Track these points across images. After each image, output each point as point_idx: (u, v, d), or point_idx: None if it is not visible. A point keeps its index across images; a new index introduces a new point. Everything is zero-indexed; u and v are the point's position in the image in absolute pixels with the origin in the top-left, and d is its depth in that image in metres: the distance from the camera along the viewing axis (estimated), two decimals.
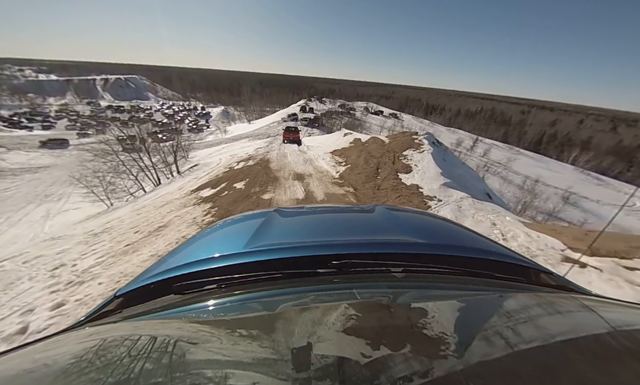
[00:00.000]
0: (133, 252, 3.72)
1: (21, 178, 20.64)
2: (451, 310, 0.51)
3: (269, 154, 13.02)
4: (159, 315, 0.55)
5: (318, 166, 9.37)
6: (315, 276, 0.63)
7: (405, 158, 7.35)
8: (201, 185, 7.57)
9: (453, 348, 0.36)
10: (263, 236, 0.79)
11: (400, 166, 6.76)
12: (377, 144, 10.03)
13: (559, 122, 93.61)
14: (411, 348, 0.35)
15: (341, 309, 0.48)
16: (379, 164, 7.38)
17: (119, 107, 73.37)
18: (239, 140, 25.64)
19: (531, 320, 0.47)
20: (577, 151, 50.10)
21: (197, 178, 9.37)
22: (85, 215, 10.91)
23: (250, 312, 0.53)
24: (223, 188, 6.68)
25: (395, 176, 6.09)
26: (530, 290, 0.66)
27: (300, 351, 0.34)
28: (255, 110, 63.64)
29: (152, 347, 0.39)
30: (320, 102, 60.96)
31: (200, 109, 77.89)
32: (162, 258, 0.85)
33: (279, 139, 21.39)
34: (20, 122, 51.88)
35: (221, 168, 10.11)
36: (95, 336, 0.49)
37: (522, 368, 0.33)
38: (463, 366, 0.31)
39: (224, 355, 0.35)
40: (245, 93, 67.03)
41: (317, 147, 14.28)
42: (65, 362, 0.38)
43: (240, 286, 0.61)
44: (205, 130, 50.45)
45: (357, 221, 1.08)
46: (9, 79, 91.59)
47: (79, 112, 61.78)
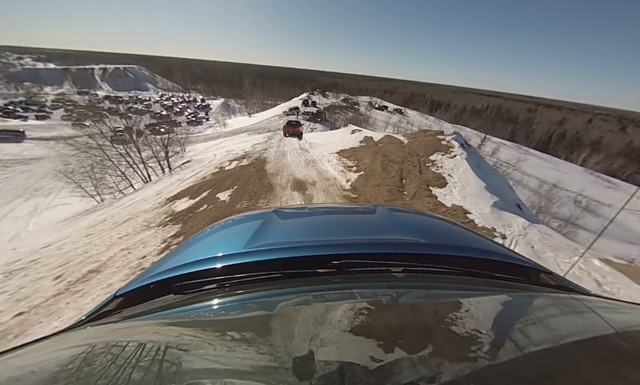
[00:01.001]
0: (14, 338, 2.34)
1: (11, 169, 19.61)
2: (452, 310, 0.50)
3: (266, 151, 11.67)
4: (158, 315, 0.55)
5: (323, 170, 7.88)
6: (315, 276, 0.63)
7: (434, 165, 5.94)
8: (181, 191, 6.30)
9: (454, 348, 0.36)
10: (262, 236, 0.78)
11: (430, 177, 5.37)
12: (394, 144, 8.47)
13: (566, 121, 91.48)
14: (413, 349, 0.35)
15: (341, 309, 0.48)
16: (402, 172, 5.93)
17: (116, 98, 71.70)
18: (238, 134, 24.50)
19: (531, 320, 0.48)
20: (587, 152, 48.44)
21: (181, 180, 8.10)
22: (73, 212, 9.84)
23: (250, 311, 0.52)
24: (203, 199, 5.41)
25: (427, 191, 4.75)
26: (530, 290, 0.66)
27: (300, 352, 0.34)
28: (256, 103, 62.00)
29: (151, 347, 0.39)
30: (323, 96, 59.15)
31: (200, 101, 76.20)
32: (162, 258, 0.86)
33: (279, 134, 20.11)
34: (15, 112, 50.52)
35: (210, 168, 8.82)
36: (94, 336, 0.49)
37: (523, 368, 0.33)
38: (465, 366, 0.31)
39: (224, 355, 0.35)
40: (246, 85, 65.21)
41: (320, 145, 12.58)
42: (65, 361, 0.37)
43: (239, 286, 0.60)
44: (204, 123, 49.15)
45: (357, 221, 1.08)
46: (6, 67, 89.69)
47: (75, 102, 60.28)
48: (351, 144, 10.71)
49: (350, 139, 11.74)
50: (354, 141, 11.02)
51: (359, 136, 11.83)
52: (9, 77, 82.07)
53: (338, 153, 9.57)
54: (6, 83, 77.71)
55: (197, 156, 15.76)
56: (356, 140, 11.01)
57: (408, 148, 7.59)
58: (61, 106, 58.43)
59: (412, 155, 6.78)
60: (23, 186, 16.32)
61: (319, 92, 63.75)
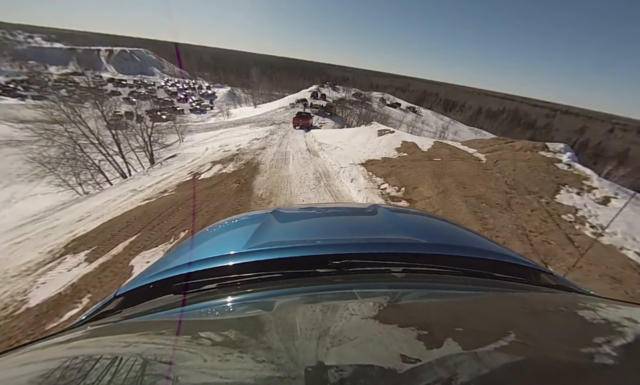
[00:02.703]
0: None
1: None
2: (452, 310, 0.50)
3: (264, 151, 9.20)
4: (158, 315, 0.54)
5: (345, 196, 4.87)
6: (315, 276, 0.63)
7: (574, 218, 3.13)
8: (118, 217, 4.01)
9: (454, 348, 0.36)
10: (262, 236, 0.78)
11: (595, 256, 2.59)
12: (464, 162, 5.30)
13: (587, 130, 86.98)
14: (413, 350, 0.35)
15: (342, 309, 0.48)
16: (520, 233, 3.02)
17: (120, 81, 69.81)
18: (240, 126, 22.49)
19: (531, 320, 0.48)
20: (613, 164, 45.01)
21: (135, 191, 5.84)
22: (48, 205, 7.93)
23: (250, 311, 0.52)
24: (102, 268, 3.06)
25: None
26: (530, 290, 0.65)
27: (302, 352, 0.34)
28: (263, 93, 59.45)
29: (151, 347, 0.39)
30: (333, 89, 56.11)
31: (205, 89, 73.89)
32: (162, 258, 0.85)
33: (283, 128, 17.92)
34: (16, 90, 48.95)
35: (184, 173, 6.51)
36: (94, 336, 0.49)
37: (523, 368, 0.33)
38: (466, 366, 0.31)
39: (224, 355, 0.35)
40: (254, 75, 62.57)
41: (335, 148, 9.38)
42: (65, 361, 0.37)
43: (239, 286, 0.60)
44: (208, 112, 47.05)
45: (357, 221, 1.07)
46: (12, 44, 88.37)
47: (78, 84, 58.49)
48: (382, 151, 7.57)
49: (379, 143, 8.46)
50: (386, 147, 7.85)
51: (393, 140, 8.45)
52: (14, 55, 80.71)
53: (364, 166, 6.33)
54: (11, 61, 76.35)
55: (187, 149, 13.66)
56: (389, 146, 7.81)
57: (498, 173, 4.39)
58: (62, 87, 56.86)
59: (516, 189, 3.71)
60: (5, 171, 14.59)
61: (329, 85, 60.63)
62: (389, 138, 8.75)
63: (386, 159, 6.78)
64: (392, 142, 8.16)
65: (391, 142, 8.20)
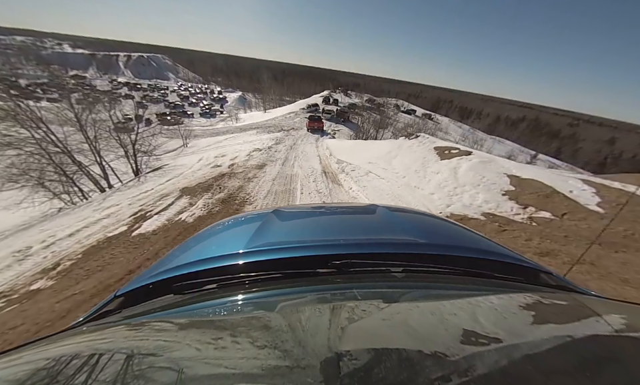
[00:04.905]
0: None
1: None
2: (452, 310, 0.50)
3: (261, 173, 7.15)
4: (158, 315, 0.54)
5: None
6: (315, 276, 0.63)
7: None
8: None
9: (454, 348, 0.36)
10: (262, 236, 0.77)
11: None
12: None
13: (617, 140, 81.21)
14: (414, 350, 0.35)
15: (342, 309, 0.48)
16: None
17: (135, 85, 70.99)
18: (247, 131, 21.07)
19: (531, 320, 0.48)
20: None
21: (77, 228, 3.94)
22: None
23: (249, 312, 0.52)
24: None
25: None
26: (530, 290, 0.65)
27: (303, 352, 0.35)
28: (274, 98, 58.54)
29: (151, 347, 0.39)
30: (345, 95, 54.45)
31: (217, 93, 74.04)
32: (161, 258, 0.83)
33: (291, 136, 16.13)
34: (34, 93, 50.18)
35: (137, 206, 4.60)
36: (94, 336, 0.49)
37: (523, 368, 0.33)
38: (466, 366, 0.31)
39: (224, 355, 0.35)
40: (265, 80, 61.99)
41: (366, 174, 6.30)
42: (65, 361, 0.37)
43: (240, 286, 0.60)
44: (218, 116, 46.43)
45: (357, 221, 1.06)
46: (38, 50, 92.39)
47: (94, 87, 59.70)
48: (470, 195, 4.03)
49: (453, 175, 4.66)
50: (474, 185, 4.16)
51: (482, 170, 4.49)
52: (38, 60, 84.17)
53: None
54: (35, 66, 79.52)
55: (182, 158, 12.00)
56: (485, 186, 4.09)
57: None
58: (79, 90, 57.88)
59: None
60: None
61: (341, 90, 59.08)
62: (471, 167, 4.63)
63: (504, 223, 3.27)
64: (485, 177, 4.14)
65: (480, 175, 4.19)
